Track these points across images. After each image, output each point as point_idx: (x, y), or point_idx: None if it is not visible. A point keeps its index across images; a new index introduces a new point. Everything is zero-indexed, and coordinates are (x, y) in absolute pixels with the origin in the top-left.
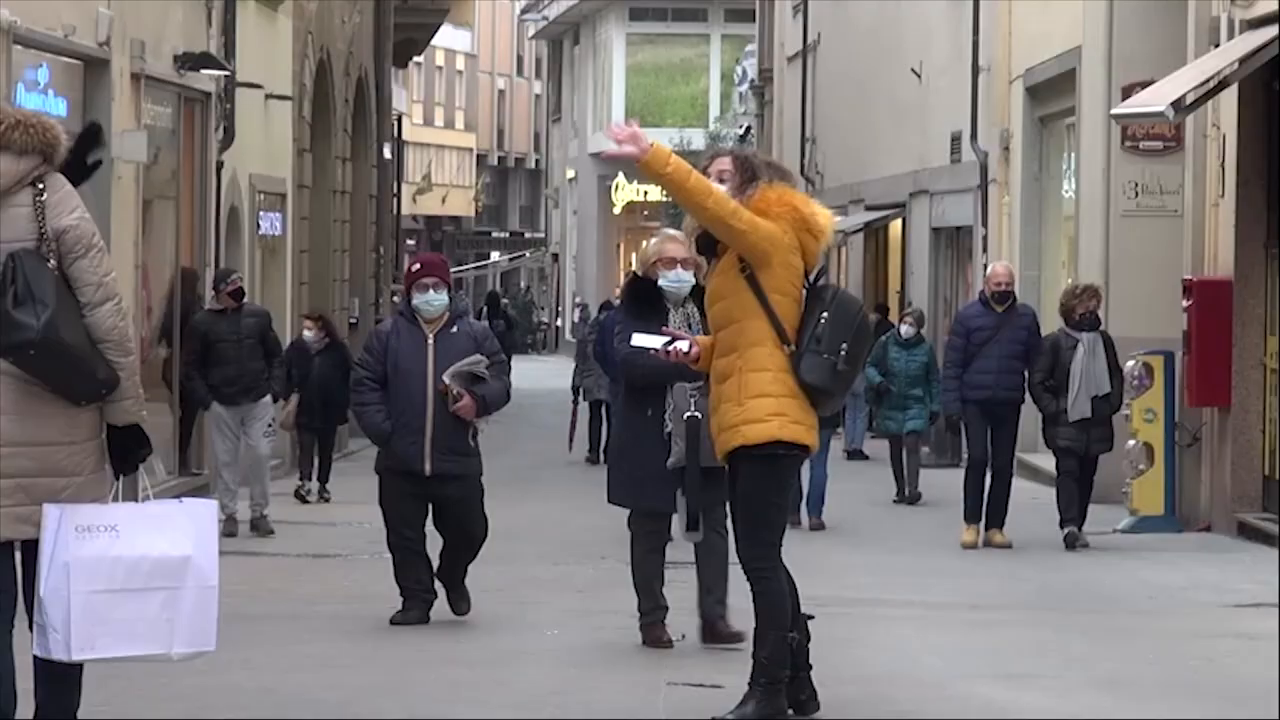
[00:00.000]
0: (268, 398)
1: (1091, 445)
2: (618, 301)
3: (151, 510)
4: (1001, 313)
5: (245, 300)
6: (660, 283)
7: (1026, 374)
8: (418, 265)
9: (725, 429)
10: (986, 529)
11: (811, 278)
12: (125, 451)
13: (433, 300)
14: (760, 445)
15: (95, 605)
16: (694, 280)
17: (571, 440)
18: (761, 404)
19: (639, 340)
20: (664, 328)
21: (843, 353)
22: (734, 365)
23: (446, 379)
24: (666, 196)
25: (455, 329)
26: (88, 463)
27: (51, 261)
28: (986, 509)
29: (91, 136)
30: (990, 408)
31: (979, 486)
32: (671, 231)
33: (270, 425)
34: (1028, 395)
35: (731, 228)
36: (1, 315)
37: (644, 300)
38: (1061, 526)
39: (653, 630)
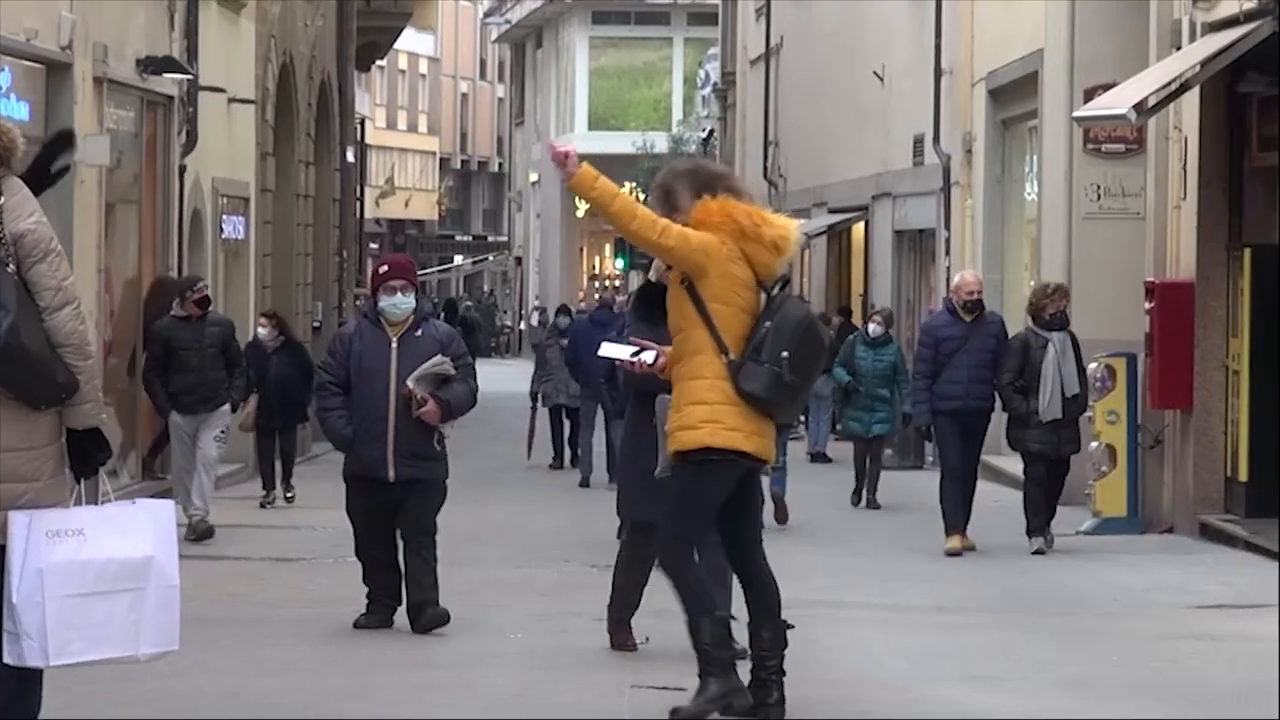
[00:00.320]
0: (225, 406)
1: (1062, 447)
2: (582, 307)
3: (112, 512)
4: (970, 322)
5: (210, 309)
6: None
7: (996, 378)
8: (385, 267)
9: (668, 434)
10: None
11: (772, 288)
12: (85, 455)
13: (400, 304)
14: (693, 451)
15: (68, 610)
16: None
17: (530, 447)
18: (696, 411)
19: (606, 350)
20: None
21: (785, 362)
22: (679, 373)
23: (410, 384)
24: None
25: (420, 332)
26: (46, 468)
27: (10, 266)
28: (956, 513)
29: (62, 143)
30: (961, 418)
31: (956, 495)
32: None
33: (222, 433)
34: (997, 403)
35: (659, 244)
36: None
37: (654, 305)
38: (1029, 535)
39: (620, 632)
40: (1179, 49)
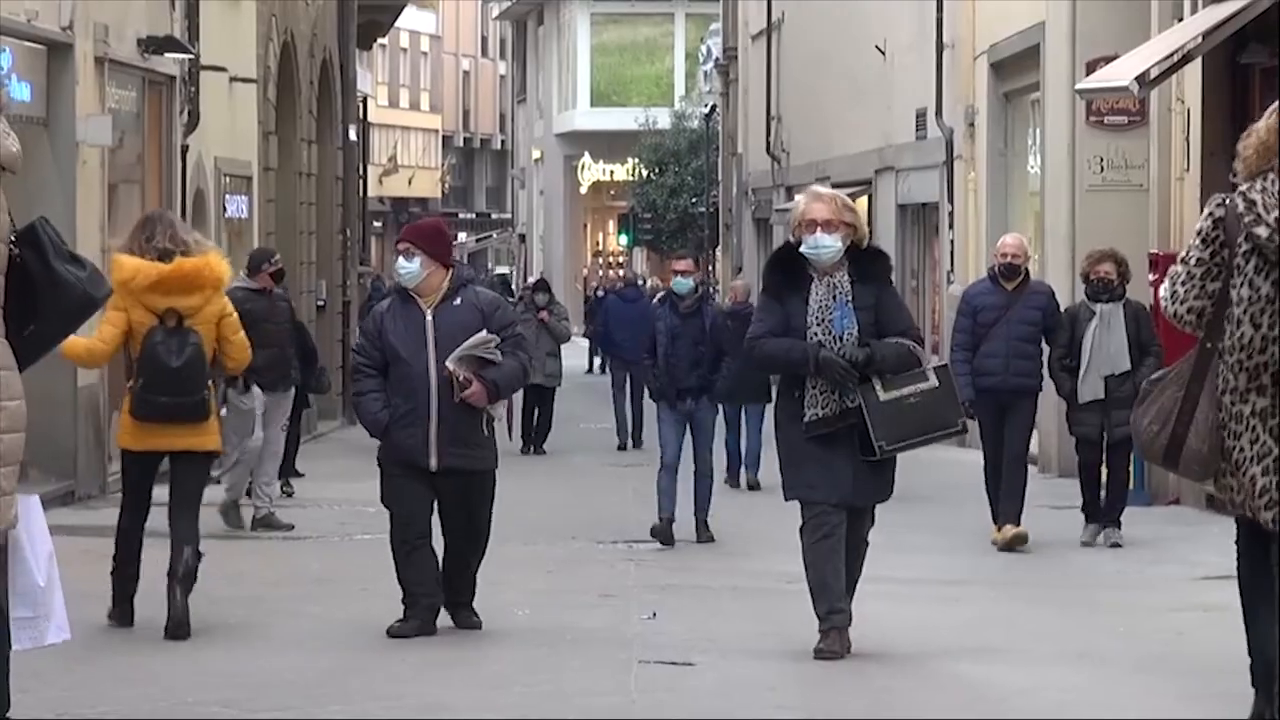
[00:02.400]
0: (292, 390)
1: (1114, 429)
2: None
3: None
4: (1011, 290)
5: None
6: (801, 249)
7: (1046, 356)
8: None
9: None
10: (1000, 524)
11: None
12: None
13: (402, 267)
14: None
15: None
16: (838, 246)
17: (511, 427)
18: (121, 417)
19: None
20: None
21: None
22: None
23: (450, 365)
24: (632, 175)
25: (459, 300)
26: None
27: None
28: (1000, 502)
29: None
30: (1001, 396)
31: (997, 483)
32: (819, 189)
33: (287, 420)
34: (1044, 380)
35: (104, 358)
36: (89, 275)
37: (789, 270)
38: (1090, 521)
39: (827, 637)
40: (1180, 20)
